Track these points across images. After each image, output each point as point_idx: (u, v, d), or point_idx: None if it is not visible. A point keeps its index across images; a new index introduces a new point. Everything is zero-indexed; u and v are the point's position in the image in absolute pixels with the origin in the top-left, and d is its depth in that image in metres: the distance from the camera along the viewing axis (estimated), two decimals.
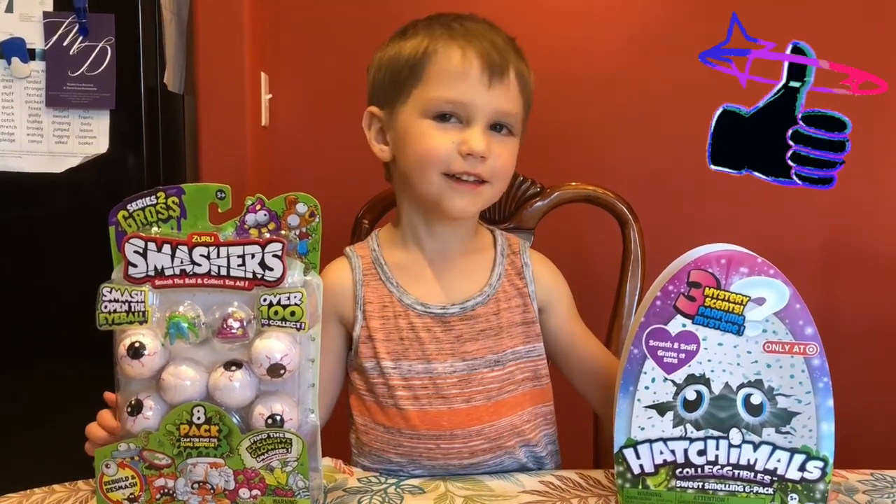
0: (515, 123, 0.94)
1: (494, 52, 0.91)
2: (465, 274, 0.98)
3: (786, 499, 0.79)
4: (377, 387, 0.94)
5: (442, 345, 0.94)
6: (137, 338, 0.75)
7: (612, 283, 1.23)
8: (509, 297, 0.97)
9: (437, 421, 0.92)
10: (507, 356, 0.95)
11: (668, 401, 0.79)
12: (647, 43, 1.70)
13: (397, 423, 0.93)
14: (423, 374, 0.93)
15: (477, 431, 0.93)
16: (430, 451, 0.92)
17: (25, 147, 1.37)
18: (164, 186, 0.76)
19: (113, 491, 0.78)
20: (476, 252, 1.00)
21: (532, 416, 0.97)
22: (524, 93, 0.96)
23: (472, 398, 0.93)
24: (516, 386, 0.96)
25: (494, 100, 0.91)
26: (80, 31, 1.35)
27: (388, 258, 0.98)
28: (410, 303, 0.95)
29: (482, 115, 0.91)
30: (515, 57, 0.94)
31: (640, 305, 0.87)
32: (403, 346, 0.94)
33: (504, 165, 0.93)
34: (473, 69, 0.90)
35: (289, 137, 1.71)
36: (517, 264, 1.00)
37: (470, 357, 0.94)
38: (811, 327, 0.76)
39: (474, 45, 0.91)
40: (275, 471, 0.76)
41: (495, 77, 0.91)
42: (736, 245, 0.78)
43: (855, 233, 1.73)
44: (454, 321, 0.95)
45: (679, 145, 1.71)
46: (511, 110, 0.93)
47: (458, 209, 0.92)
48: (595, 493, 0.85)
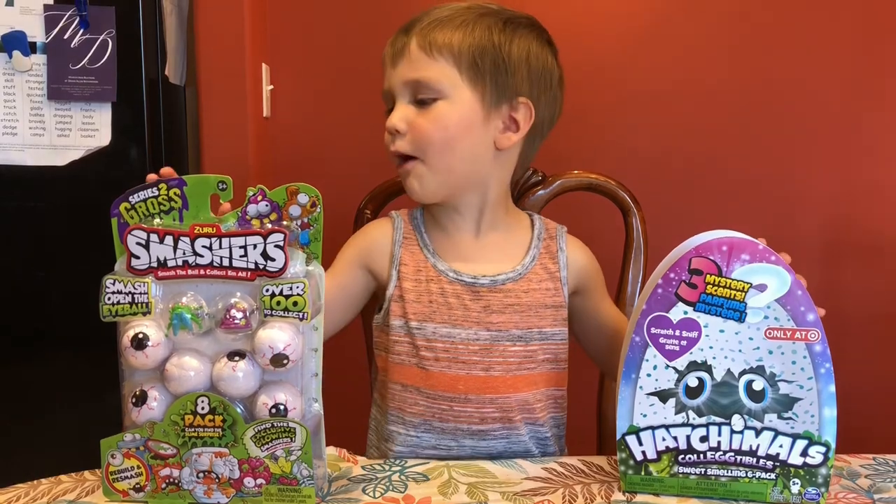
0: (435, 86, 0.94)
1: (402, 33, 0.97)
2: (498, 252, 1.01)
3: (788, 484, 0.79)
4: (401, 345, 0.97)
5: (469, 312, 0.96)
6: (141, 329, 0.75)
7: (614, 271, 1.22)
8: (541, 279, 0.99)
9: (454, 384, 0.96)
10: (532, 334, 0.97)
11: (670, 388, 0.79)
12: (650, 31, 1.69)
13: (416, 381, 0.96)
14: (445, 338, 0.96)
15: (490, 400, 0.96)
16: (442, 412, 0.96)
17: (28, 140, 1.37)
18: (166, 178, 0.76)
19: (119, 481, 0.78)
20: (511, 232, 1.03)
21: (545, 397, 1.00)
22: (443, 52, 0.94)
23: (491, 367, 0.96)
24: (536, 365, 0.98)
25: (398, 75, 0.96)
26: (81, 23, 1.35)
27: (428, 227, 1.03)
28: (444, 269, 0.98)
29: (399, 93, 0.96)
30: (429, 27, 0.95)
31: (641, 293, 0.87)
32: (431, 308, 0.96)
33: (423, 136, 0.95)
34: (386, 57, 0.99)
35: (290, 128, 1.71)
36: (552, 248, 1.02)
37: (494, 328, 0.96)
38: (813, 313, 0.76)
39: (397, 35, 0.98)
40: (279, 460, 0.77)
41: (397, 56, 0.97)
42: (737, 232, 0.78)
43: (856, 219, 1.73)
44: (483, 291, 0.97)
45: (681, 133, 1.71)
46: (418, 76, 0.95)
47: (409, 191, 0.99)
48: (598, 480, 0.86)
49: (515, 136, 0.98)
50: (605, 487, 0.84)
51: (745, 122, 1.71)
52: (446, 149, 0.96)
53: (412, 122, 0.95)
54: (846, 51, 1.69)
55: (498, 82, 0.96)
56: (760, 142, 1.71)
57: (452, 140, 0.95)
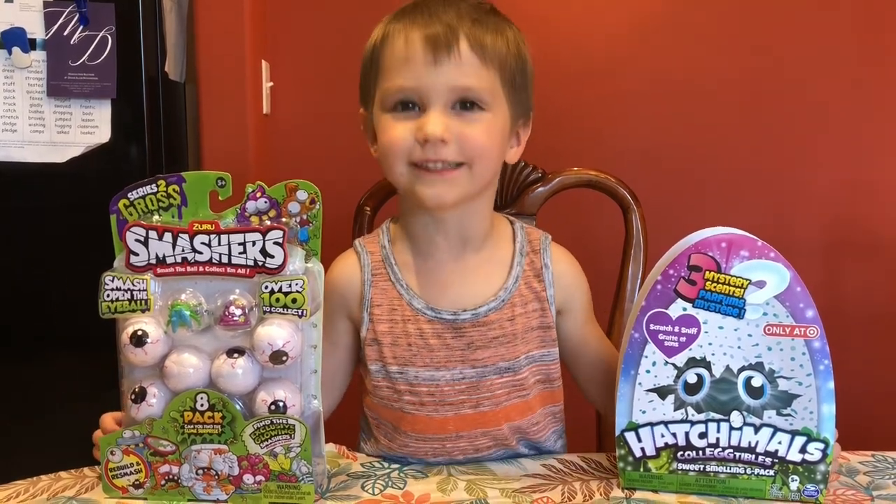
0: (484, 97, 0.86)
1: (441, 27, 0.85)
2: (479, 275, 0.93)
3: (787, 480, 0.79)
4: (381, 389, 0.92)
5: (452, 352, 0.91)
6: (140, 326, 0.75)
7: (613, 268, 1.22)
8: (526, 301, 0.93)
9: (443, 426, 0.91)
10: (520, 362, 0.92)
11: (669, 384, 0.79)
12: (649, 26, 1.69)
13: (402, 425, 0.92)
14: (429, 381, 0.90)
15: (483, 433, 0.92)
16: (434, 451, 0.92)
17: (27, 137, 1.37)
18: (165, 175, 0.76)
19: (118, 477, 0.78)
20: (492, 249, 0.95)
21: (542, 417, 0.96)
22: (494, 62, 0.87)
23: (480, 404, 0.91)
24: (528, 391, 0.93)
25: (445, 77, 0.84)
26: (81, 20, 1.35)
27: (398, 257, 0.94)
28: (420, 307, 0.91)
29: (437, 96, 0.85)
30: (473, 26, 0.86)
31: (640, 289, 0.87)
32: (411, 352, 0.90)
33: (477, 144, 0.86)
34: (416, 51, 0.85)
35: (290, 125, 1.71)
36: (537, 265, 0.94)
37: (480, 364, 0.91)
38: (812, 310, 0.76)
39: (418, 26, 0.86)
40: (278, 456, 0.77)
41: (441, 53, 0.84)
42: (737, 228, 0.78)
43: (856, 215, 1.73)
44: (466, 327, 0.90)
45: (681, 130, 1.71)
46: (470, 84, 0.85)
47: (431, 197, 0.87)
48: (597, 477, 0.86)
49: (519, 151, 0.95)
50: (603, 484, 0.84)
51: (746, 120, 1.71)
52: (491, 161, 0.89)
53: (458, 131, 0.85)
54: (847, 48, 1.69)
55: (522, 99, 0.92)
56: (761, 139, 1.71)
57: (496, 151, 0.90)
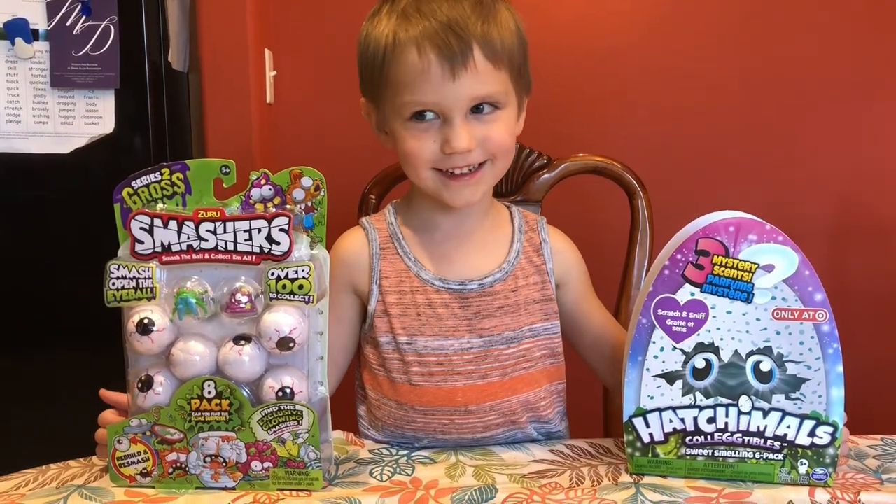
0: (500, 98, 0.89)
1: (452, 36, 0.85)
2: (482, 250, 0.96)
3: (795, 464, 0.79)
4: (391, 362, 0.94)
5: (459, 321, 0.93)
6: (146, 314, 0.75)
7: (620, 254, 1.22)
8: (527, 274, 0.96)
9: (452, 397, 0.92)
10: (523, 333, 0.94)
11: (677, 369, 0.79)
12: (656, 13, 1.68)
13: (410, 399, 0.92)
14: (438, 350, 0.92)
15: (491, 407, 0.93)
16: (443, 426, 0.92)
17: (31, 128, 1.37)
18: (168, 162, 0.76)
19: (126, 466, 0.78)
20: (493, 228, 0.99)
21: (548, 394, 0.97)
22: (504, 61, 0.89)
23: (487, 374, 0.93)
24: (533, 363, 0.95)
25: (463, 90, 0.86)
26: (83, 10, 1.34)
27: (405, 232, 0.97)
28: (428, 278, 0.94)
29: (458, 109, 0.87)
30: (480, 24, 0.87)
31: (648, 275, 0.86)
32: (420, 321, 0.93)
33: (498, 143, 0.90)
34: (433, 66, 0.85)
35: (294, 114, 1.71)
36: (535, 241, 0.98)
37: (487, 334, 0.93)
38: (821, 293, 0.76)
39: (429, 37, 0.85)
40: (286, 443, 0.77)
41: (457, 67, 0.85)
42: (744, 212, 0.77)
43: (865, 198, 1.72)
44: (472, 297, 0.93)
45: (687, 115, 1.70)
46: (487, 91, 0.88)
47: (462, 201, 0.91)
48: (605, 462, 0.86)
49: (522, 121, 0.96)
50: (612, 469, 0.83)
51: (752, 105, 1.70)
52: (511, 151, 0.93)
53: (480, 135, 0.88)
54: (853, 33, 1.67)
55: (525, 78, 0.94)
56: (767, 124, 1.70)
57: (513, 141, 0.93)
